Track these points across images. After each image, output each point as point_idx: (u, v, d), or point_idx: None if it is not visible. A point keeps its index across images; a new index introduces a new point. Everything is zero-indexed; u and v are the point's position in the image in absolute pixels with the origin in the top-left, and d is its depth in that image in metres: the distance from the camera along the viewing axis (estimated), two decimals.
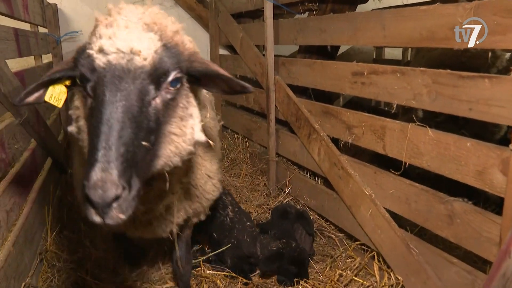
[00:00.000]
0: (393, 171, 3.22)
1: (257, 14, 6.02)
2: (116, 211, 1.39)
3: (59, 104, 1.92)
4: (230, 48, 6.35)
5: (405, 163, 3.06)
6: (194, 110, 1.85)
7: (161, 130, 1.68)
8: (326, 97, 4.76)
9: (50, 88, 1.90)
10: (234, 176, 5.26)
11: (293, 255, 3.42)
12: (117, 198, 1.38)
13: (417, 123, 2.98)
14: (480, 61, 3.78)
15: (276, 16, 4.77)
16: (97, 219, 1.42)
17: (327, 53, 4.72)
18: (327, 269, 3.52)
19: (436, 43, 2.80)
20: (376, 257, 3.41)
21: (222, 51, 6.62)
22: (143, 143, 1.54)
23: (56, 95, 1.91)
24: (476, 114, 2.56)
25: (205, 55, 6.66)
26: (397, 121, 3.17)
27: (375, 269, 3.34)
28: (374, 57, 8.18)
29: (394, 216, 3.26)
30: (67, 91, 1.93)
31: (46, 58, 5.84)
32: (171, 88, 1.70)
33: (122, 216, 1.41)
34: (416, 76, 2.91)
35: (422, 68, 2.89)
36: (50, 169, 4.37)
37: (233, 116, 6.17)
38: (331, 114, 3.87)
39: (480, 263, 3.07)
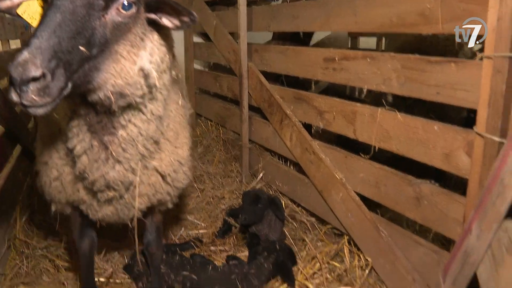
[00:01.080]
0: (363, 155, 3.27)
1: (232, 1, 6.01)
2: (33, 93, 1.46)
3: (33, 23, 1.94)
4: (205, 35, 6.30)
5: (375, 147, 3.12)
6: (151, 45, 1.94)
7: (107, 47, 1.75)
8: (299, 85, 4.79)
9: (25, 3, 1.93)
10: (208, 163, 5.25)
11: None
12: (35, 79, 1.44)
13: (387, 107, 3.03)
14: (440, 47, 3.85)
15: (250, 3, 4.77)
16: (14, 97, 1.47)
17: (300, 40, 4.74)
18: (305, 253, 3.56)
19: (405, 28, 2.84)
20: (346, 240, 3.46)
21: (196, 39, 6.56)
22: (81, 47, 1.61)
23: (31, 13, 1.95)
24: (443, 98, 2.61)
25: (179, 43, 6.57)
26: (367, 106, 3.20)
27: (345, 251, 3.40)
28: (349, 46, 8.23)
29: (365, 200, 3.32)
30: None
31: (14, 44, 5.67)
32: (123, 11, 1.78)
33: (38, 100, 1.47)
34: (386, 61, 2.95)
35: (391, 53, 2.93)
36: (19, 157, 4.27)
37: (206, 103, 6.15)
38: (303, 100, 3.89)
39: (448, 246, 3.16)
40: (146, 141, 2.14)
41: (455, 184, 3.64)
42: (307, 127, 3.94)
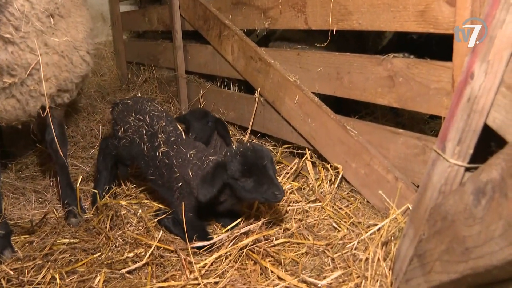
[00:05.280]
0: (319, 45, 2.72)
1: None
2: None
3: None
4: None
5: (333, 31, 2.57)
6: None
7: None
8: None
9: None
10: None
11: None
12: None
13: None
14: None
15: None
16: None
17: None
18: None
19: None
20: (309, 154, 2.90)
21: None
22: None
23: None
24: None
25: None
26: None
27: (309, 167, 2.84)
28: None
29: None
30: None
31: None
32: None
33: None
34: None
35: None
36: None
37: (137, 48, 5.40)
38: (243, 3, 3.29)
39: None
40: (41, 14, 2.07)
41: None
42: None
